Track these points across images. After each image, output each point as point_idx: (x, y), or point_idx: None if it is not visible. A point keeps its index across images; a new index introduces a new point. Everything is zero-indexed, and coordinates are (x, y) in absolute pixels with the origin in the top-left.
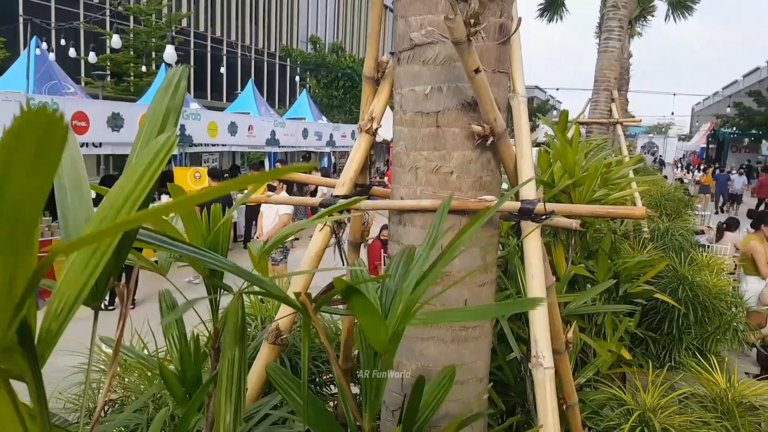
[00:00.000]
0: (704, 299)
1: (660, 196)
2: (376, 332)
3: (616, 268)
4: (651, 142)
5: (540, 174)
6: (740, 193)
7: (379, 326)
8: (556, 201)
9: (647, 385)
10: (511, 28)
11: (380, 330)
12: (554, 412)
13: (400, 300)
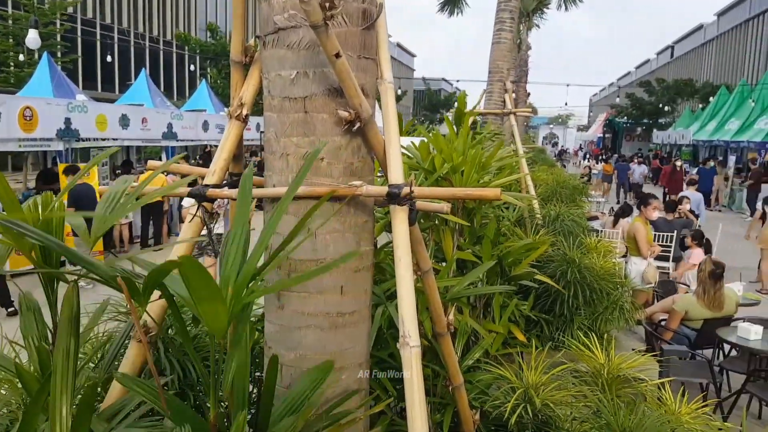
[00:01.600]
0: (592, 281)
1: (556, 183)
2: (215, 316)
3: (501, 252)
4: (552, 133)
5: (421, 161)
6: (640, 183)
7: (217, 309)
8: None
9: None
10: (375, 14)
11: (219, 312)
12: (420, 391)
13: (234, 282)
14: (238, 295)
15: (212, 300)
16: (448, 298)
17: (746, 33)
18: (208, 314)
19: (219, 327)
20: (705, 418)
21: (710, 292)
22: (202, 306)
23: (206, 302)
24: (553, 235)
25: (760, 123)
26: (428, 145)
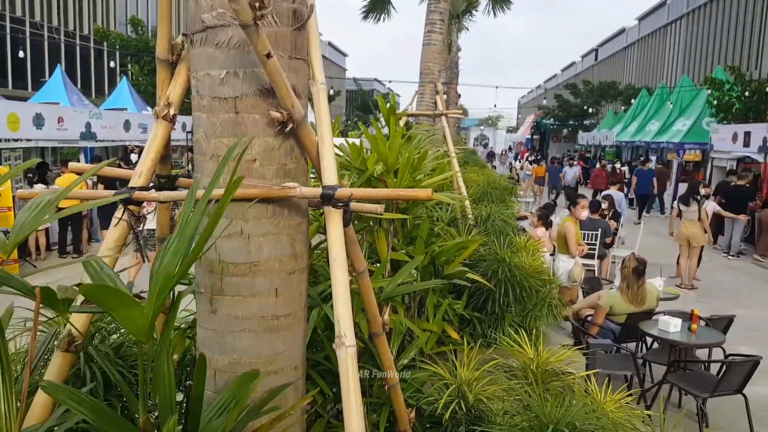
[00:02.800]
0: (522, 279)
1: (486, 184)
2: (133, 320)
3: (433, 251)
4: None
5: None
6: (573, 185)
7: (134, 314)
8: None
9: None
10: (306, 14)
11: (137, 317)
12: (356, 391)
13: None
14: (159, 295)
15: (126, 307)
16: (382, 298)
17: (665, 37)
18: (126, 320)
19: (140, 330)
20: (628, 408)
21: (633, 287)
22: (118, 314)
23: (122, 309)
24: (485, 234)
25: (678, 124)
26: (360, 145)
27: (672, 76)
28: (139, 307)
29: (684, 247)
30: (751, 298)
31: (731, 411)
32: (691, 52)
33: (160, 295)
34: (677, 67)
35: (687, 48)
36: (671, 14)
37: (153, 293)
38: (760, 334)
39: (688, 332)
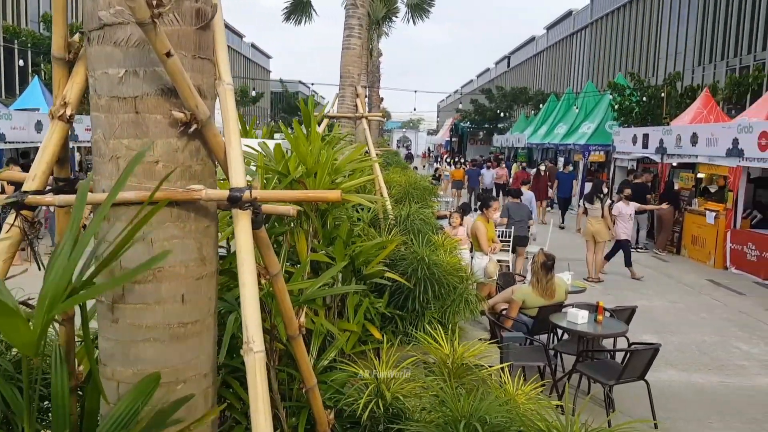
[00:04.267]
0: (440, 276)
1: (408, 185)
2: (17, 333)
3: (353, 252)
4: (405, 137)
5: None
6: (490, 188)
7: (18, 326)
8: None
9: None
10: (210, 13)
11: (21, 330)
12: (265, 397)
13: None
14: (50, 307)
15: (8, 316)
16: (302, 300)
17: (571, 46)
18: (9, 332)
19: (25, 343)
20: (539, 398)
21: (542, 282)
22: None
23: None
24: (405, 233)
25: (583, 127)
26: (282, 147)
27: (578, 82)
28: (22, 318)
29: (590, 242)
30: (652, 289)
31: (635, 396)
32: (595, 60)
33: (51, 307)
34: (583, 73)
35: (591, 56)
36: (576, 24)
37: (42, 305)
38: (659, 323)
39: (594, 323)
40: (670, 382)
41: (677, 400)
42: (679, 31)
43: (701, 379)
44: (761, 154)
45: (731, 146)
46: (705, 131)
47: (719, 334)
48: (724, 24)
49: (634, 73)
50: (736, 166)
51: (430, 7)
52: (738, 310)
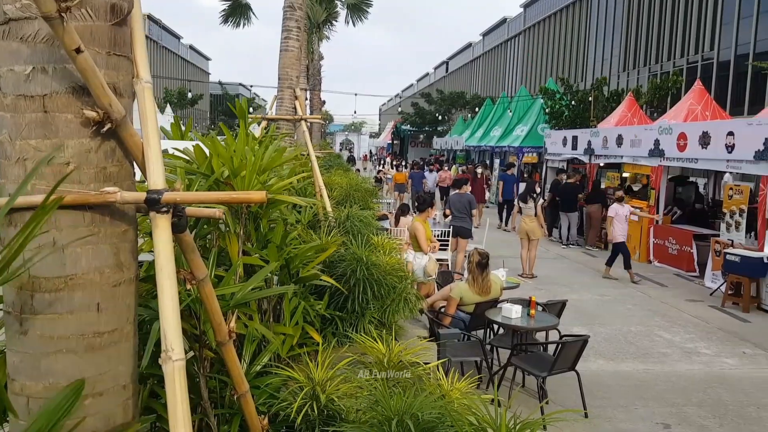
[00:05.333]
0: (379, 276)
1: (349, 187)
2: None
3: (287, 255)
4: (347, 140)
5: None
6: (433, 191)
7: None
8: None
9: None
10: (126, 9)
11: None
12: (184, 405)
13: None
14: None
15: None
16: (233, 305)
17: (506, 52)
18: None
19: None
20: (472, 393)
21: (478, 279)
22: None
23: None
24: (345, 235)
25: (517, 130)
26: (201, 148)
27: (512, 86)
28: None
29: (524, 240)
30: (581, 283)
31: (567, 386)
32: (528, 66)
33: None
34: (517, 78)
35: (525, 61)
36: (510, 31)
37: None
38: (589, 315)
39: (527, 317)
40: (599, 371)
41: (605, 387)
42: (606, 40)
43: (627, 367)
44: (680, 154)
45: (653, 147)
46: (629, 133)
47: (644, 324)
48: (646, 33)
49: (564, 79)
50: (658, 166)
51: (368, 8)
52: (660, 301)
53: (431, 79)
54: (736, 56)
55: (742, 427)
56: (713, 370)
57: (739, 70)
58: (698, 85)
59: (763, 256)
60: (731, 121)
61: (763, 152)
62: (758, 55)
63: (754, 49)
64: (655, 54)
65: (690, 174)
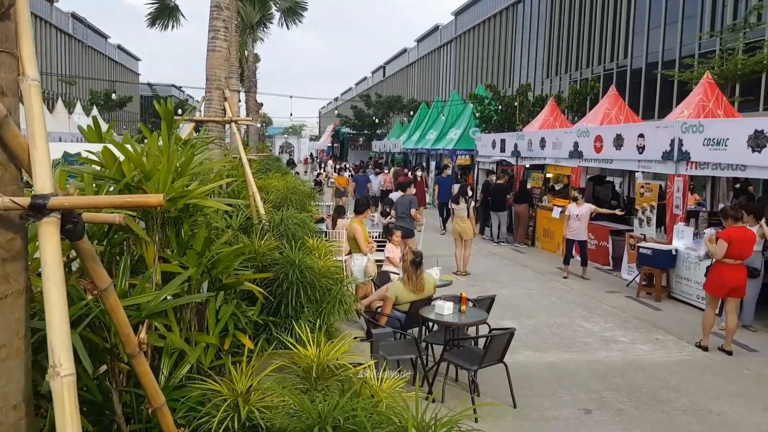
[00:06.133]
0: (313, 279)
1: (287, 190)
2: None
3: (209, 261)
4: (287, 142)
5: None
6: (378, 195)
7: None
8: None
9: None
10: (6, 2)
11: None
12: (74, 425)
13: None
14: None
15: None
16: (145, 315)
17: (439, 58)
18: None
19: None
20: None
21: (413, 278)
22: None
23: None
24: (279, 238)
25: (450, 134)
26: (110, 151)
27: (446, 91)
28: None
29: (458, 240)
30: (511, 278)
31: (497, 378)
32: (460, 71)
33: None
34: (450, 83)
35: (457, 67)
36: (443, 38)
37: None
38: (518, 309)
39: (459, 313)
40: (527, 362)
41: (532, 377)
42: (530, 48)
43: (552, 357)
44: (597, 155)
45: (573, 149)
46: (551, 136)
47: (567, 315)
48: (567, 42)
49: (492, 85)
50: (577, 166)
51: (302, 11)
52: (582, 293)
53: (369, 83)
54: (647, 64)
55: (655, 408)
56: (629, 357)
57: (650, 77)
58: (612, 91)
59: (672, 248)
60: (641, 124)
61: (670, 153)
62: (666, 63)
63: (663, 57)
64: (575, 62)
65: (607, 174)
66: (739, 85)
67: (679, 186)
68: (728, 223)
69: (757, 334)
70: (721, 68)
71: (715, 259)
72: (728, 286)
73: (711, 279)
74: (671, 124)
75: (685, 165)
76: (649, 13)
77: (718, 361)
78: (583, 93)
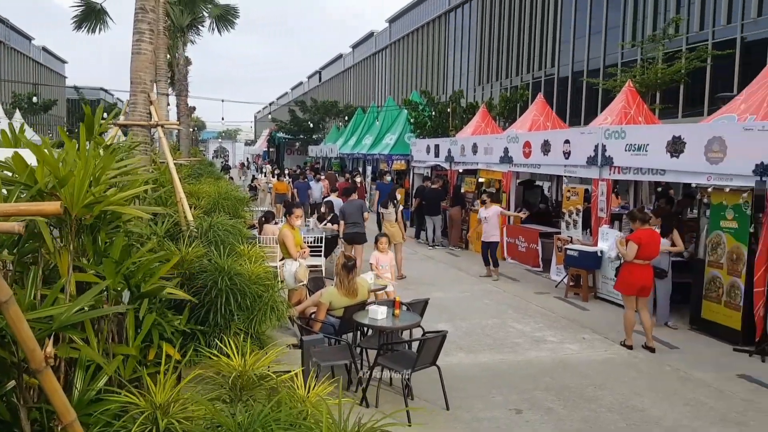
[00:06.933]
0: (243, 286)
1: (218, 195)
2: None
3: (128, 269)
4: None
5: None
6: (320, 202)
7: None
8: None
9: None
10: None
11: None
12: None
13: None
14: None
15: None
16: (55, 327)
17: (374, 64)
18: None
19: None
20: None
21: (345, 282)
22: None
23: None
24: (208, 245)
25: (386, 139)
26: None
27: (381, 96)
28: None
29: (397, 244)
30: (446, 281)
31: (431, 381)
32: (395, 77)
33: None
34: (385, 89)
35: (392, 73)
36: (378, 44)
37: None
38: (452, 312)
39: (392, 317)
40: (460, 364)
41: (466, 379)
42: (463, 55)
43: (485, 359)
44: (525, 160)
45: (503, 154)
46: (483, 141)
47: (499, 316)
48: (497, 51)
49: (425, 91)
50: (508, 171)
51: (234, 18)
52: (513, 294)
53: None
54: (573, 72)
55: (582, 406)
56: (558, 356)
57: (576, 85)
58: (540, 99)
59: (597, 250)
60: (567, 130)
61: (594, 158)
62: (591, 72)
63: (588, 66)
64: (506, 70)
65: (537, 178)
66: (660, 93)
67: (603, 190)
68: (636, 225)
69: (678, 332)
70: (642, 77)
71: (625, 260)
72: (638, 285)
73: (622, 279)
74: (595, 131)
75: (608, 170)
76: (574, 24)
77: (642, 359)
78: (513, 100)
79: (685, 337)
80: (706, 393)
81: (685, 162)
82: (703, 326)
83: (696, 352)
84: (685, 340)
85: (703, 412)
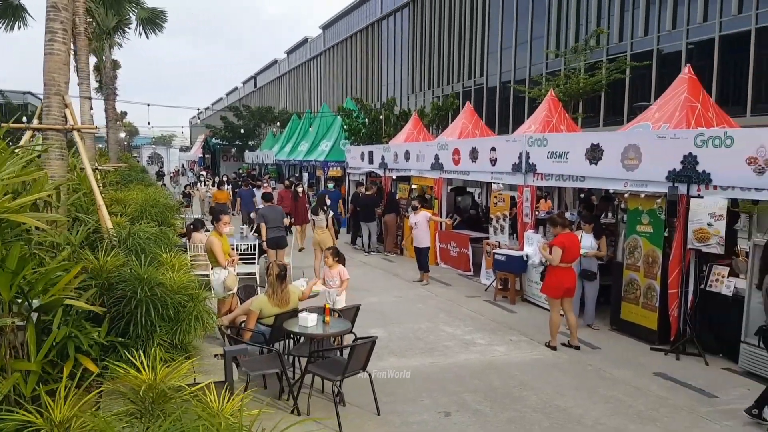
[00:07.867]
0: (165, 296)
1: (145, 202)
2: None
3: (25, 281)
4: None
5: None
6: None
7: None
8: None
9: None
10: None
11: None
12: None
13: None
14: None
15: None
16: None
17: (309, 70)
18: None
19: None
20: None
21: (277, 291)
22: None
23: None
24: (127, 253)
25: (322, 145)
26: None
27: (317, 103)
28: None
29: (317, 250)
30: (381, 287)
31: (363, 387)
32: (330, 84)
33: None
34: (321, 95)
35: (327, 80)
36: (312, 51)
37: None
38: (386, 317)
39: (323, 324)
40: (392, 369)
41: (397, 383)
42: (396, 64)
43: (416, 362)
44: (455, 167)
45: (434, 161)
46: (415, 149)
47: (431, 321)
48: (429, 60)
49: (359, 99)
50: (439, 178)
51: (163, 22)
52: (446, 298)
53: (240, 94)
54: (501, 82)
55: (508, 407)
56: (486, 358)
57: (504, 94)
58: (468, 107)
59: (523, 254)
60: (493, 138)
61: (519, 165)
62: (518, 81)
63: (515, 76)
64: (437, 78)
65: (468, 184)
66: (582, 102)
67: (527, 196)
68: (557, 230)
69: (600, 333)
70: (565, 86)
71: (551, 264)
72: (564, 288)
73: (549, 283)
74: (519, 138)
75: (532, 176)
76: (501, 34)
77: (566, 359)
78: (444, 108)
79: (606, 337)
80: (625, 391)
81: (603, 169)
82: (623, 327)
83: (616, 351)
84: (606, 340)
85: (622, 409)
